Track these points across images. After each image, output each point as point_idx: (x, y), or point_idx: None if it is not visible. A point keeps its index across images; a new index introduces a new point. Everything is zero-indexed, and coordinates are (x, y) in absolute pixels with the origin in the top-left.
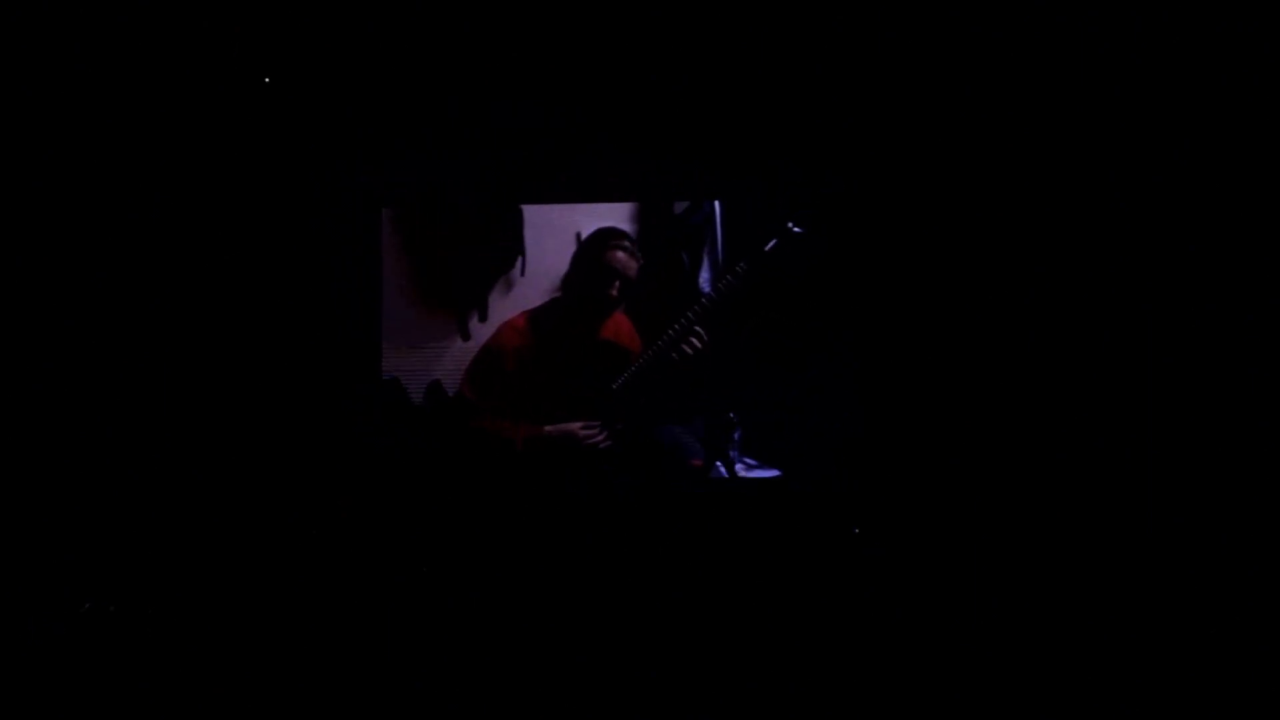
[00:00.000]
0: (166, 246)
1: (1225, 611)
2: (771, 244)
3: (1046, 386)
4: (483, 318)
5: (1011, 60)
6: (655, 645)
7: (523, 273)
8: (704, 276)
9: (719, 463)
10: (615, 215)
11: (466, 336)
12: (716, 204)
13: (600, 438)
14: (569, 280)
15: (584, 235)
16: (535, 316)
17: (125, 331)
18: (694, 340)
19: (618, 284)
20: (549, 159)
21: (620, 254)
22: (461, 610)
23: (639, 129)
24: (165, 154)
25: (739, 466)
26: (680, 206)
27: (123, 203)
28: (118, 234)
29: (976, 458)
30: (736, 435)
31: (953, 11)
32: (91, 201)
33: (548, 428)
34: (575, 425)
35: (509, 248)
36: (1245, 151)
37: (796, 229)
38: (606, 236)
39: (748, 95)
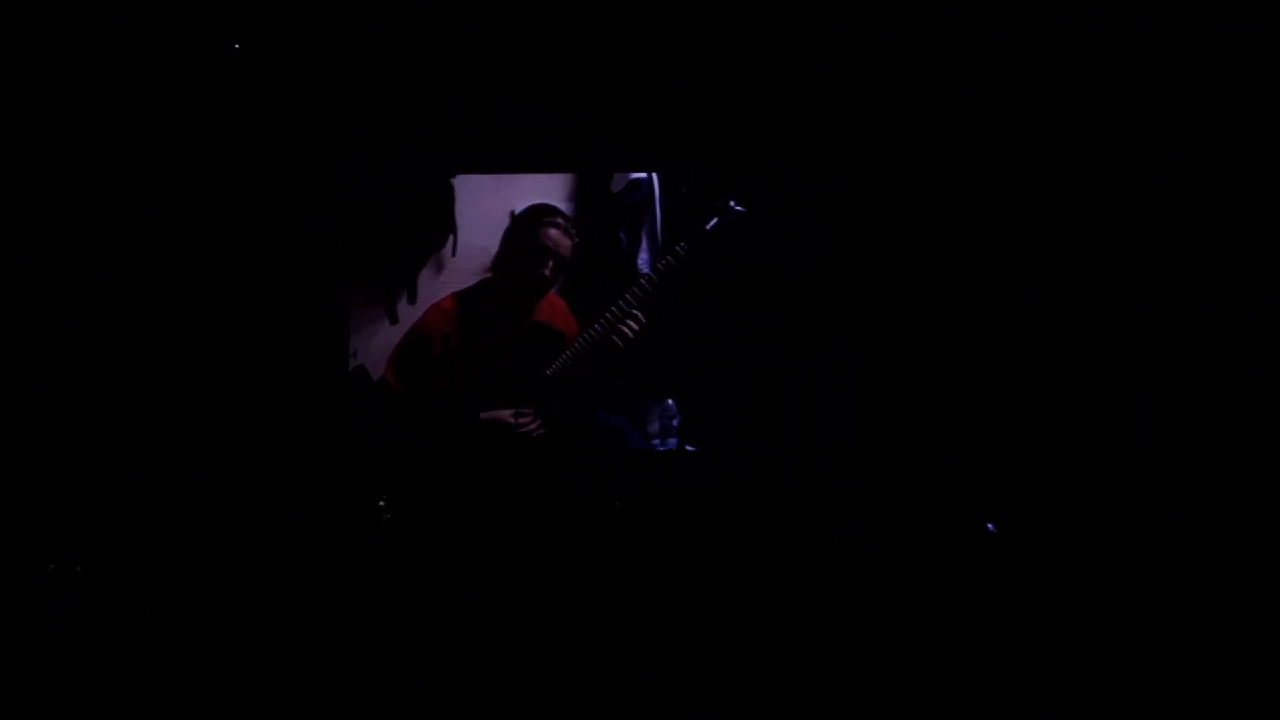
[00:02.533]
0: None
1: (1224, 611)
2: (713, 222)
3: (1046, 386)
4: (412, 299)
5: (1011, 60)
6: (653, 645)
7: (454, 252)
8: (642, 257)
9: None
10: (550, 192)
11: (394, 319)
12: (655, 182)
13: (533, 425)
14: (500, 259)
15: (518, 212)
16: (464, 298)
17: (108, 325)
18: (632, 323)
19: (551, 263)
20: (549, 158)
21: (554, 231)
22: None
23: (638, 129)
24: (160, 154)
25: None
26: (618, 185)
27: (103, 197)
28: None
29: (974, 457)
30: (675, 422)
31: (953, 12)
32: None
33: (481, 414)
34: (506, 413)
35: (440, 226)
36: (1245, 151)
37: (738, 207)
38: (540, 214)
39: (747, 96)
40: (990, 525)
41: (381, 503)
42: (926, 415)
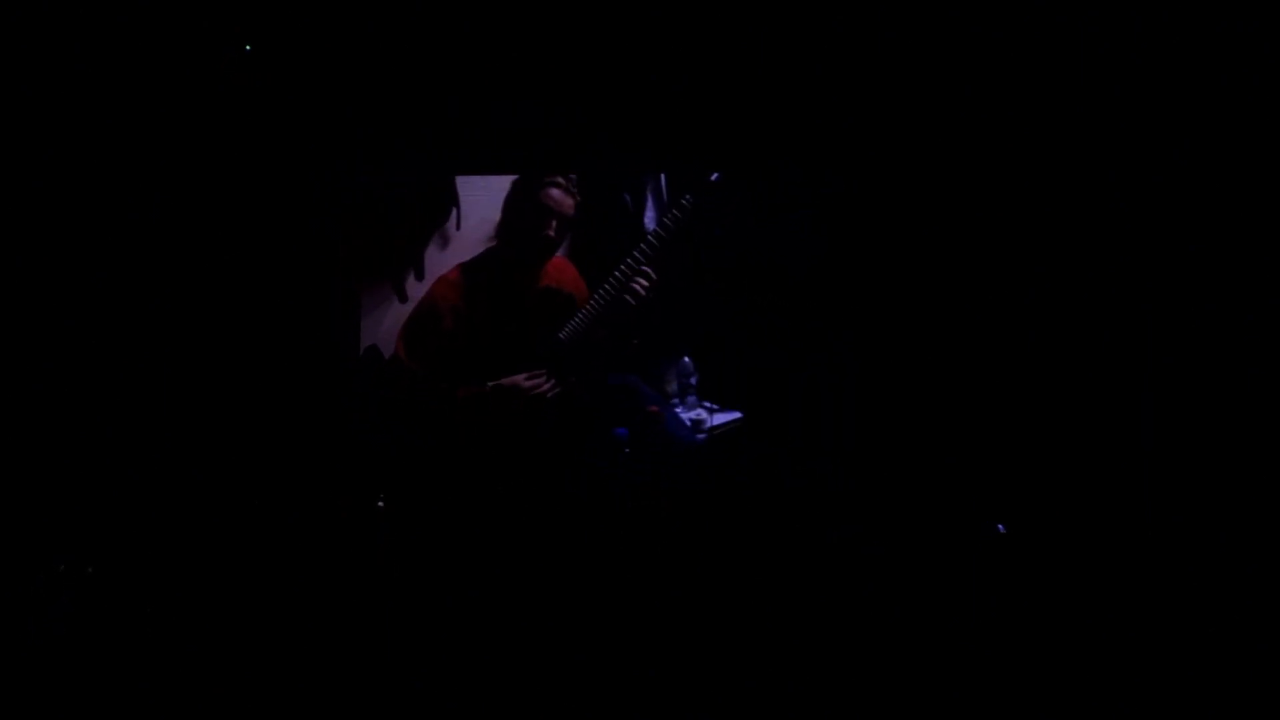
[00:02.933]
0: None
1: (1224, 611)
2: (716, 174)
3: (1046, 386)
4: (419, 276)
5: (1011, 60)
6: (652, 645)
7: (458, 226)
8: (649, 215)
9: (678, 407)
10: None
11: (404, 297)
12: None
13: (547, 387)
14: (504, 225)
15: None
16: (470, 268)
17: (109, 325)
18: (643, 281)
19: (554, 223)
20: (548, 158)
21: (555, 191)
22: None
23: (638, 129)
24: (160, 154)
25: (698, 411)
26: None
27: (104, 197)
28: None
29: (975, 457)
30: (694, 380)
31: (952, 11)
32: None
33: (490, 384)
34: (519, 378)
35: (442, 200)
36: (1245, 151)
37: None
38: (540, 174)
39: (747, 96)
40: (1000, 527)
41: (381, 503)
42: (927, 415)
